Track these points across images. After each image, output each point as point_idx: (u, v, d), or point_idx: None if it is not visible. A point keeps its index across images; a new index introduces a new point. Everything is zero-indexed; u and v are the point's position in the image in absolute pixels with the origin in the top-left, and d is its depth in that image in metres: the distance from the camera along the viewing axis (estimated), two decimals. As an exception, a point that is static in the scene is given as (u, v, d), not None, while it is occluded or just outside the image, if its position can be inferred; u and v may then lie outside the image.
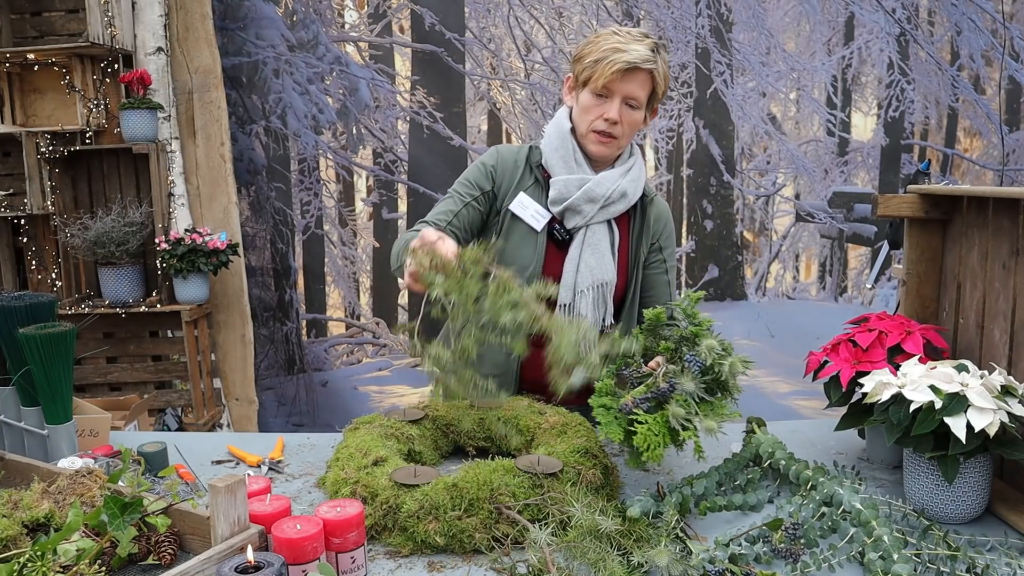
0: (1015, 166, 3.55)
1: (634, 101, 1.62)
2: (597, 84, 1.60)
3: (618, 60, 1.57)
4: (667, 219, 1.82)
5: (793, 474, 1.36)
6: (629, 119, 1.64)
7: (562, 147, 1.68)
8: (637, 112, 1.64)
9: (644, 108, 1.65)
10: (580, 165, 1.68)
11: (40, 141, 3.23)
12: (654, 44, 1.61)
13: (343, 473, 1.33)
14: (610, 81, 1.59)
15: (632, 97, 1.62)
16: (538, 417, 1.55)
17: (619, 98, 1.61)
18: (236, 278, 3.50)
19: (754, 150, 3.65)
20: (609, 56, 1.58)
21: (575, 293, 1.66)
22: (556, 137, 1.70)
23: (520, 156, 1.74)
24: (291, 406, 3.72)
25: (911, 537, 1.17)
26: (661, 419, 1.25)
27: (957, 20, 3.49)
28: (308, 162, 3.60)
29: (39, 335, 1.40)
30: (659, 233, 1.79)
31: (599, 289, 1.67)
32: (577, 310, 1.66)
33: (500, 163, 1.73)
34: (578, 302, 1.66)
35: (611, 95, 1.61)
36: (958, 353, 1.52)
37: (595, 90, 1.62)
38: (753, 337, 3.70)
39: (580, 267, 1.66)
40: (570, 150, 1.68)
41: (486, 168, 1.73)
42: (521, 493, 1.21)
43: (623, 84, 1.60)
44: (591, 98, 1.64)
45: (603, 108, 1.62)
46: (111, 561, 1.12)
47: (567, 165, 1.68)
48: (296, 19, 3.52)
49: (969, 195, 1.49)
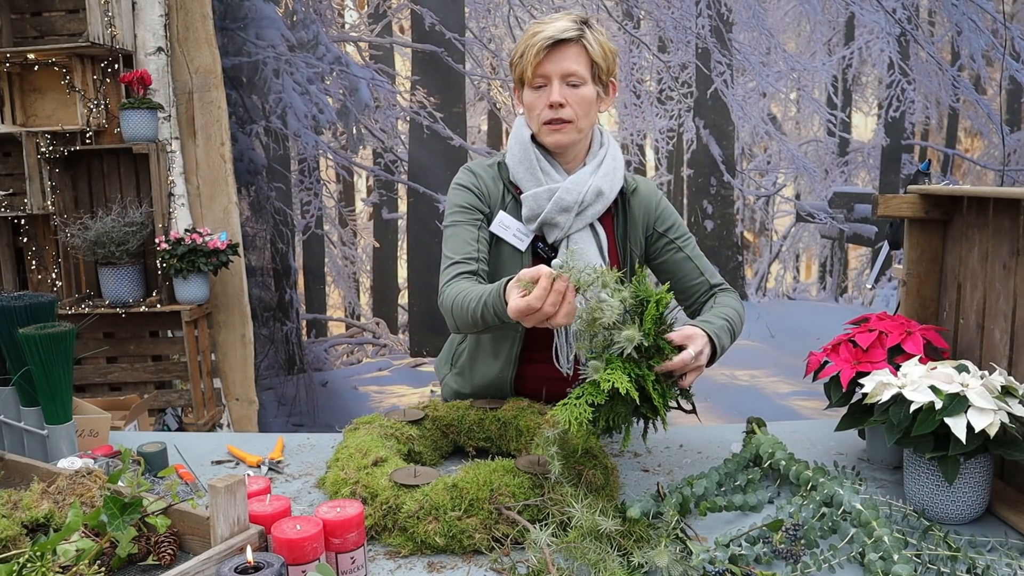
0: (1016, 166, 3.55)
1: (573, 78, 1.54)
2: (529, 74, 1.54)
3: (538, 39, 1.52)
4: (656, 200, 1.71)
5: (793, 475, 1.36)
6: (576, 97, 1.55)
7: (525, 158, 1.61)
8: (584, 88, 1.55)
9: (592, 83, 1.56)
10: (547, 173, 1.60)
11: (40, 141, 3.23)
12: (577, 18, 1.55)
13: (343, 473, 1.33)
14: (539, 65, 1.53)
15: (569, 74, 1.53)
16: (538, 417, 1.55)
17: (556, 79, 1.53)
18: (236, 278, 3.50)
19: (754, 150, 3.65)
20: (530, 41, 1.53)
21: None
22: (518, 149, 1.63)
23: (494, 172, 1.67)
24: (291, 406, 3.72)
25: (911, 538, 1.17)
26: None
27: (957, 20, 3.48)
28: (308, 162, 3.60)
29: (39, 335, 1.40)
30: (651, 219, 1.69)
31: None
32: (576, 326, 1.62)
33: (482, 183, 1.65)
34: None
35: (548, 80, 1.54)
36: (958, 353, 1.52)
37: (531, 83, 1.56)
38: (753, 337, 3.70)
39: None
40: (533, 160, 1.60)
41: (472, 190, 1.65)
42: (521, 493, 1.21)
43: (554, 63, 1.53)
44: (531, 93, 1.58)
45: (544, 97, 1.55)
46: (111, 561, 1.12)
47: (533, 176, 1.60)
48: (296, 19, 3.52)
49: (969, 195, 1.49)
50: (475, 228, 1.61)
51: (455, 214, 1.64)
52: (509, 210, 1.63)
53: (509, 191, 1.64)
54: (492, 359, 1.71)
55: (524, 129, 1.64)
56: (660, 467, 1.54)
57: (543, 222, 1.59)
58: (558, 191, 1.57)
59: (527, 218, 1.61)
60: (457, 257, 1.58)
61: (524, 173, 1.61)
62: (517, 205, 1.63)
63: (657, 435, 1.73)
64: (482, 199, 1.64)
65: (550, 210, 1.57)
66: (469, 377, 1.76)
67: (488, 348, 1.72)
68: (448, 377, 1.83)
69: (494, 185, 1.65)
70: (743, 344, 3.69)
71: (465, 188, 1.65)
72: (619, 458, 1.59)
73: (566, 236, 1.59)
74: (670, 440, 1.70)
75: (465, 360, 1.77)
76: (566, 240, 1.59)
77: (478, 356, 1.74)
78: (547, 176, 1.60)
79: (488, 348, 1.72)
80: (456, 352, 1.81)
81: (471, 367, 1.76)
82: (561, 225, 1.58)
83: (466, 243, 1.59)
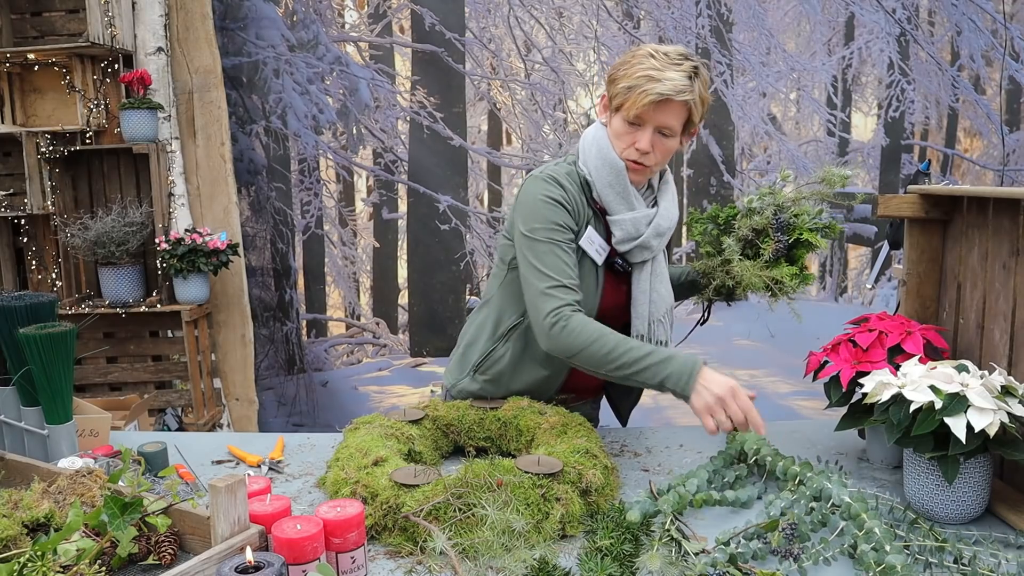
0: (1015, 166, 3.55)
1: (667, 130, 1.55)
2: (629, 113, 1.53)
3: (651, 91, 1.49)
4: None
5: (780, 470, 1.37)
6: (662, 147, 1.57)
7: (618, 183, 1.59)
8: (671, 140, 1.57)
9: (681, 133, 1.58)
10: (639, 199, 1.62)
11: (40, 141, 3.23)
12: (692, 69, 1.52)
13: (343, 473, 1.33)
14: (644, 112, 1.52)
15: (665, 127, 1.54)
16: (538, 417, 1.55)
17: (651, 127, 1.54)
18: (236, 278, 3.50)
19: (754, 150, 3.65)
20: (643, 85, 1.50)
21: (650, 323, 1.64)
22: (608, 172, 1.59)
23: (578, 188, 1.63)
24: (291, 406, 3.72)
25: (899, 530, 1.18)
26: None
27: (957, 20, 3.49)
28: (308, 162, 3.60)
29: (39, 335, 1.40)
30: None
31: (669, 314, 1.68)
32: (655, 338, 1.65)
33: (573, 200, 1.60)
34: (654, 330, 1.65)
35: (644, 124, 1.54)
36: (958, 353, 1.52)
37: (627, 118, 1.54)
38: (753, 337, 3.70)
39: (652, 298, 1.64)
40: (626, 186, 1.60)
41: (566, 207, 1.59)
42: (520, 493, 1.21)
43: (656, 114, 1.52)
44: (623, 125, 1.56)
45: (635, 136, 1.55)
46: (111, 561, 1.12)
47: (626, 202, 1.60)
48: (296, 19, 3.52)
49: (969, 195, 1.49)
50: (571, 251, 1.58)
51: (553, 231, 1.57)
52: (593, 224, 1.63)
53: (591, 207, 1.63)
54: (542, 365, 1.68)
55: (611, 149, 1.59)
56: (660, 467, 1.54)
57: (639, 245, 1.62)
58: (655, 218, 1.63)
59: (620, 240, 1.62)
60: (563, 280, 1.54)
61: (615, 197, 1.61)
62: (597, 220, 1.63)
63: (657, 435, 1.73)
64: (574, 216, 1.60)
65: (649, 235, 1.62)
66: (507, 383, 1.70)
67: (538, 356, 1.67)
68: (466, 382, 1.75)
69: (581, 198, 1.62)
70: (743, 344, 3.69)
71: (559, 204, 1.59)
72: (619, 458, 1.59)
73: (653, 257, 1.66)
74: (670, 440, 1.70)
75: (505, 367, 1.70)
76: (652, 260, 1.67)
77: (524, 361, 1.70)
78: (639, 201, 1.63)
79: (538, 356, 1.67)
80: (487, 359, 1.73)
81: (513, 372, 1.70)
82: (654, 248, 1.65)
83: (568, 267, 1.56)
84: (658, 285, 1.66)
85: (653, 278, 1.66)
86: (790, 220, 1.69)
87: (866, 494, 1.27)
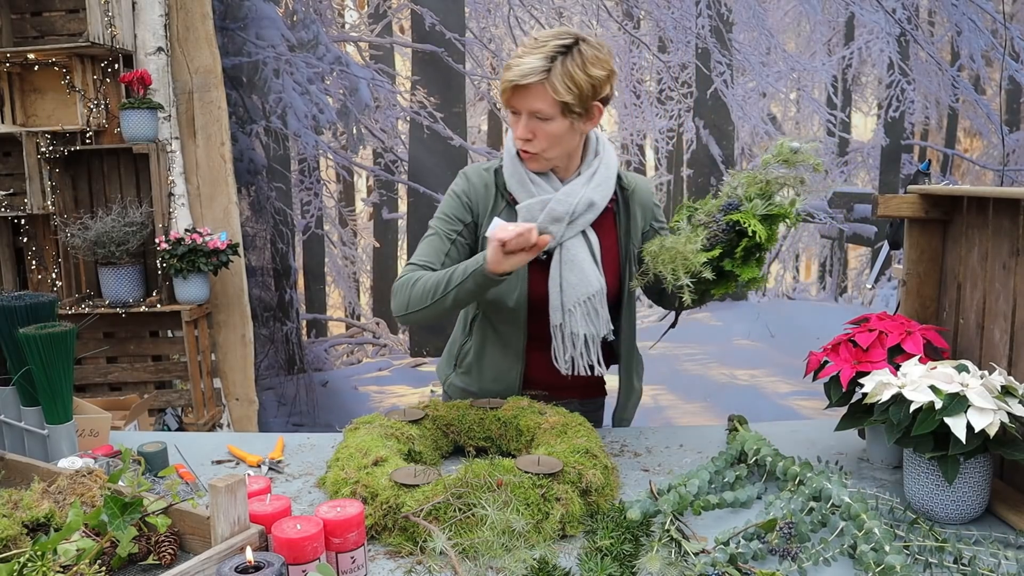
0: (1015, 166, 3.55)
1: (540, 114, 1.55)
2: (503, 105, 1.60)
3: (504, 80, 1.54)
4: (652, 198, 1.80)
5: (780, 470, 1.37)
6: (543, 132, 1.56)
7: (515, 171, 1.65)
8: (552, 124, 1.56)
9: (563, 116, 1.55)
10: (538, 184, 1.64)
11: (40, 141, 3.23)
12: (557, 48, 1.51)
13: (343, 473, 1.33)
14: (508, 99, 1.56)
15: (535, 111, 1.55)
16: (538, 417, 1.55)
17: (524, 114, 1.56)
18: (236, 278, 3.50)
19: (754, 150, 3.65)
20: (503, 74, 1.55)
21: (564, 312, 1.64)
22: (508, 161, 1.67)
23: (489, 179, 1.71)
24: (291, 406, 3.72)
25: (898, 530, 1.18)
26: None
27: (957, 20, 3.49)
28: (308, 162, 3.60)
29: (39, 335, 1.40)
30: (648, 216, 1.78)
31: (587, 303, 1.64)
32: (570, 329, 1.64)
33: (472, 190, 1.70)
34: (569, 320, 1.64)
35: (519, 112, 1.57)
36: (958, 353, 1.52)
37: (507, 109, 1.61)
38: (753, 337, 3.70)
39: (563, 286, 1.63)
40: (523, 173, 1.64)
41: (461, 199, 1.70)
42: (521, 493, 1.21)
43: (519, 101, 1.55)
44: (510, 116, 1.61)
45: (516, 125, 1.59)
46: (111, 561, 1.12)
47: (525, 188, 1.64)
48: (296, 19, 3.52)
49: (969, 195, 1.49)
50: (449, 241, 1.67)
51: (437, 220, 1.71)
52: (504, 215, 1.66)
53: (503, 197, 1.69)
54: (500, 355, 1.74)
55: (511, 143, 1.67)
56: (660, 467, 1.54)
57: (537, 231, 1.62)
58: (550, 202, 1.62)
59: None
60: (419, 262, 1.65)
61: (517, 185, 1.66)
62: (510, 210, 1.67)
63: (657, 435, 1.73)
64: (469, 208, 1.69)
65: (542, 220, 1.61)
66: (477, 375, 1.78)
67: (496, 343, 1.75)
68: (453, 377, 1.84)
69: (486, 192, 1.69)
70: (743, 344, 3.70)
71: (455, 196, 1.71)
72: (619, 458, 1.59)
73: (559, 243, 1.63)
74: (670, 440, 1.70)
75: (472, 359, 1.79)
76: (559, 247, 1.63)
77: (485, 352, 1.77)
78: (538, 187, 1.64)
79: (496, 343, 1.75)
80: (461, 352, 1.83)
81: (479, 364, 1.78)
82: (554, 234, 1.62)
83: (434, 251, 1.66)
84: (568, 274, 1.63)
85: (564, 267, 1.63)
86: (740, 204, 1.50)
87: (866, 494, 1.27)
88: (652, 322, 3.73)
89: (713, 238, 1.47)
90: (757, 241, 1.44)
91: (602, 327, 1.66)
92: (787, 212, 1.47)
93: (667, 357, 3.69)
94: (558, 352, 1.66)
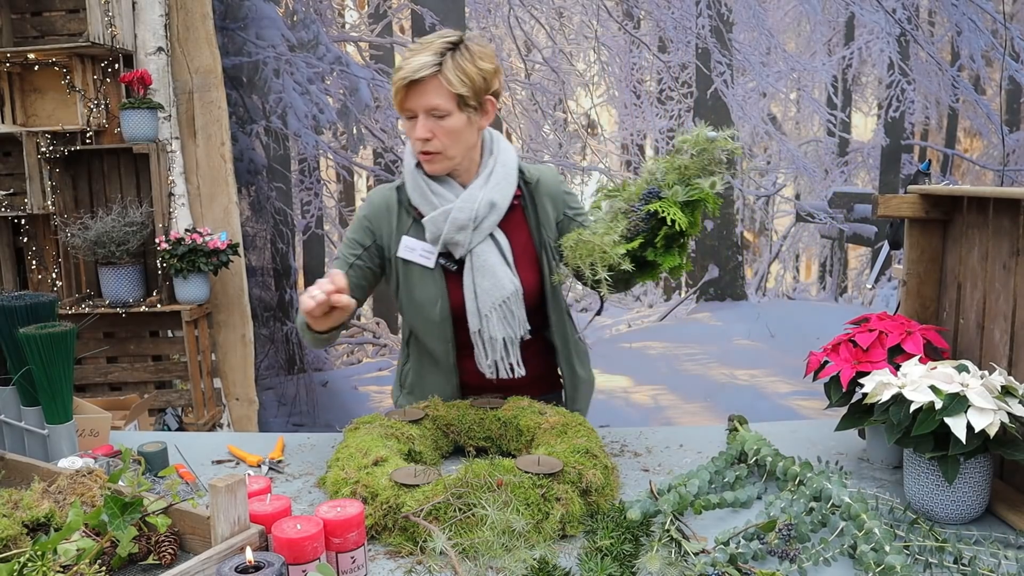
0: (1015, 166, 3.55)
1: (437, 111, 1.56)
2: (398, 108, 1.60)
3: (397, 80, 1.55)
4: (560, 186, 1.77)
5: (780, 470, 1.37)
6: (443, 129, 1.57)
7: (415, 185, 1.66)
8: (450, 119, 1.57)
9: (460, 110, 1.57)
10: (439, 195, 1.64)
11: (40, 141, 3.23)
12: (446, 45, 1.55)
13: (343, 473, 1.33)
14: (403, 101, 1.57)
15: (432, 108, 1.56)
16: (538, 417, 1.55)
17: (421, 114, 1.57)
18: (236, 278, 3.50)
19: (754, 150, 3.65)
20: (394, 78, 1.57)
21: (481, 318, 1.64)
22: (408, 175, 1.68)
23: (391, 198, 1.72)
24: (291, 406, 3.72)
25: (898, 530, 1.18)
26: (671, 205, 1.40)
27: (957, 20, 3.49)
28: (308, 162, 3.60)
29: (39, 335, 1.40)
30: (560, 205, 1.75)
31: (503, 307, 1.64)
32: (489, 334, 1.64)
33: (373, 213, 1.72)
34: (487, 325, 1.64)
35: (415, 113, 1.58)
36: (958, 353, 1.52)
37: (403, 115, 1.61)
38: (753, 337, 3.70)
39: (477, 292, 1.63)
40: (423, 185, 1.65)
41: (363, 223, 1.72)
42: (521, 493, 1.21)
43: (415, 100, 1.56)
44: (405, 122, 1.62)
45: (415, 128, 1.59)
46: (111, 561, 1.12)
47: (428, 201, 1.65)
48: (296, 19, 3.52)
49: (969, 195, 1.49)
50: (347, 266, 1.70)
51: (345, 246, 1.74)
52: (412, 232, 1.69)
53: (409, 214, 1.70)
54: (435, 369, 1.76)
55: (410, 157, 1.68)
56: (660, 467, 1.54)
57: (445, 242, 1.64)
58: (451, 212, 1.62)
59: (431, 240, 1.66)
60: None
61: (419, 199, 1.67)
62: (418, 226, 1.68)
63: (657, 435, 1.73)
64: (370, 231, 1.72)
65: (448, 231, 1.62)
66: (420, 393, 1.79)
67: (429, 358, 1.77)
68: (401, 399, 1.85)
69: (388, 212, 1.71)
70: (743, 344, 3.70)
71: (357, 220, 1.74)
72: (619, 458, 1.59)
73: (469, 251, 1.64)
74: (670, 440, 1.70)
75: (413, 378, 1.81)
76: (469, 254, 1.64)
77: (423, 369, 1.79)
78: (440, 198, 1.64)
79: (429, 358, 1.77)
80: (403, 373, 1.85)
81: (420, 383, 1.79)
82: (462, 242, 1.63)
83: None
84: (480, 279, 1.63)
85: (475, 273, 1.63)
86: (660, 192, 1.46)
87: (866, 494, 1.27)
88: (652, 322, 3.74)
89: (633, 228, 1.44)
90: (678, 229, 1.41)
91: (519, 329, 1.66)
92: (708, 196, 1.43)
93: (667, 357, 3.69)
94: (480, 357, 1.67)
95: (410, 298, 1.70)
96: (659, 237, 1.43)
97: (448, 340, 1.71)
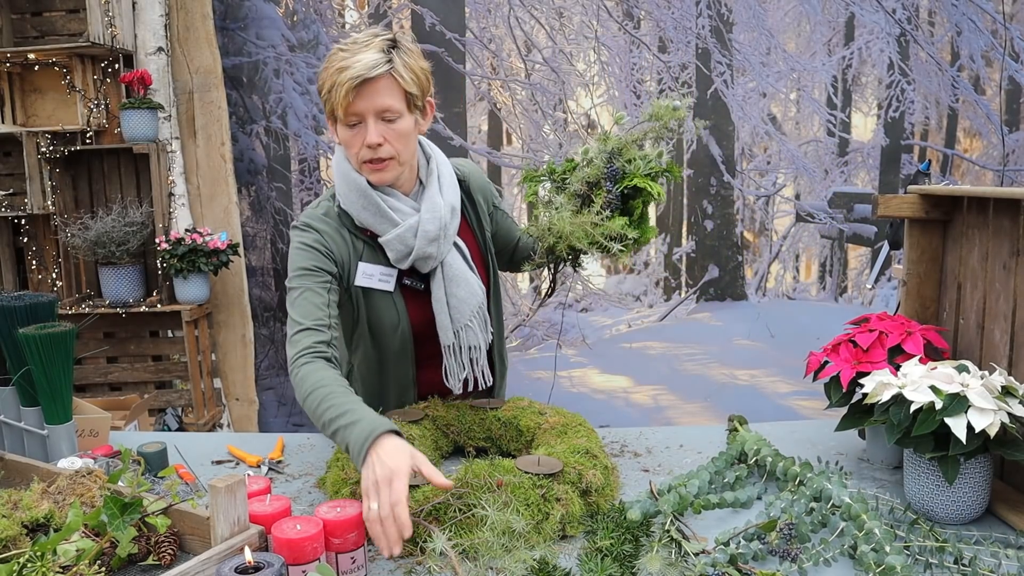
0: (1015, 166, 3.55)
1: (388, 113, 1.43)
2: (342, 114, 1.42)
3: (346, 80, 1.38)
4: (485, 181, 1.71)
5: (780, 471, 1.37)
6: (394, 133, 1.45)
7: (368, 203, 1.50)
8: (401, 122, 1.45)
9: (409, 111, 1.46)
10: (397, 210, 1.51)
11: (40, 141, 3.23)
12: (387, 42, 1.42)
13: (343, 473, 1.33)
14: (350, 105, 1.41)
15: (384, 110, 1.42)
16: (538, 417, 1.55)
17: (371, 117, 1.42)
18: (236, 278, 3.50)
19: (754, 150, 3.65)
20: (337, 79, 1.39)
21: (456, 332, 1.57)
22: (354, 194, 1.51)
23: (336, 224, 1.55)
24: (291, 406, 3.72)
25: (899, 530, 1.18)
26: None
27: (957, 20, 3.49)
28: (308, 162, 3.60)
29: (39, 335, 1.40)
30: (488, 200, 1.70)
31: (479, 312, 1.59)
32: (465, 344, 1.58)
33: (327, 239, 1.53)
34: (465, 336, 1.57)
35: (363, 118, 1.43)
36: (958, 354, 1.52)
37: (345, 121, 1.44)
38: (753, 337, 3.70)
39: (451, 303, 1.55)
40: (377, 201, 1.49)
41: (318, 249, 1.51)
42: (521, 493, 1.21)
43: (365, 101, 1.41)
44: (346, 131, 1.46)
45: (360, 136, 1.44)
46: (111, 561, 1.12)
47: (385, 218, 1.50)
48: (296, 19, 3.52)
49: (969, 195, 1.49)
50: (324, 291, 1.48)
51: (300, 276, 1.49)
52: (365, 258, 1.56)
53: (359, 238, 1.56)
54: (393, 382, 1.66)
55: (350, 170, 1.51)
56: (660, 467, 1.54)
57: (416, 258, 1.53)
58: (420, 224, 1.51)
59: (397, 260, 1.54)
60: (307, 323, 1.44)
61: (373, 218, 1.52)
62: (371, 250, 1.56)
63: (657, 435, 1.73)
64: (330, 257, 1.52)
65: (420, 245, 1.51)
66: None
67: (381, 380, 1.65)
68: None
69: (340, 238, 1.54)
70: (743, 344, 3.70)
71: (311, 248, 1.51)
72: (619, 458, 1.59)
73: (439, 262, 1.56)
74: (670, 440, 1.70)
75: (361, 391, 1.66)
76: (440, 265, 1.56)
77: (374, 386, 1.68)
78: (399, 213, 1.52)
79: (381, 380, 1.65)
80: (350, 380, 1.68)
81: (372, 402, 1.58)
82: (433, 254, 1.54)
83: (316, 307, 1.46)
84: (455, 289, 1.55)
85: (447, 283, 1.55)
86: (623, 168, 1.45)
87: (866, 494, 1.27)
88: (652, 322, 3.74)
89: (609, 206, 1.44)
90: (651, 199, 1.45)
91: (488, 334, 1.63)
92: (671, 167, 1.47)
93: (667, 357, 3.69)
94: (451, 371, 1.60)
95: (370, 326, 1.60)
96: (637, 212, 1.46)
97: (408, 359, 1.63)
